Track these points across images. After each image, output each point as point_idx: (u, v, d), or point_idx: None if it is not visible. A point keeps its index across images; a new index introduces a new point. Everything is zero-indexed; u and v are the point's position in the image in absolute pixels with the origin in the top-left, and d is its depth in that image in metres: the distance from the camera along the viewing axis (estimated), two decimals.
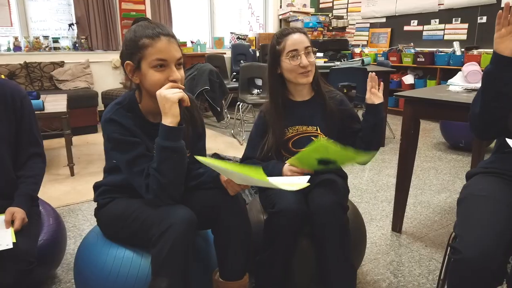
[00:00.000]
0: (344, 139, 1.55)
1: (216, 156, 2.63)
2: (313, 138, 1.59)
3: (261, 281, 1.51)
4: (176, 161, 1.20)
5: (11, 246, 1.18)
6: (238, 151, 3.83)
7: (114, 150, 1.25)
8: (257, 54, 6.43)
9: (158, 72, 1.20)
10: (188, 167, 1.30)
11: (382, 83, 1.58)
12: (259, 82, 4.76)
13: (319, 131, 1.60)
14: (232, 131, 4.67)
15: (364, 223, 1.74)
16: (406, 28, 5.90)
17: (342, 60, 4.85)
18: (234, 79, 5.85)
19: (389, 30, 6.13)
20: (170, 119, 1.18)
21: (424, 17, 5.64)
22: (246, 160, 1.66)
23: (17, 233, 1.26)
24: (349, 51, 6.40)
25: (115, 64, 5.29)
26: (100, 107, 4.91)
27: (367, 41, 6.49)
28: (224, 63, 5.76)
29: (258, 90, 4.77)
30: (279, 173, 1.51)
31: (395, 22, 6.03)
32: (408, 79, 5.64)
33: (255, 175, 1.12)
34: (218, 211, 1.30)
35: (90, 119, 4.64)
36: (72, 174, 3.20)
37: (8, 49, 4.68)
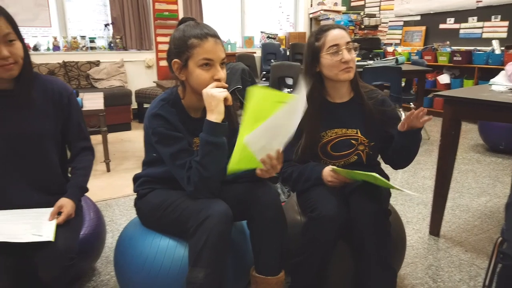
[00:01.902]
0: (384, 142, 1.51)
1: None
2: (353, 141, 1.55)
3: (296, 283, 1.50)
4: (217, 156, 1.25)
5: (51, 239, 1.22)
6: None
7: (159, 143, 1.30)
8: (287, 53, 6.41)
9: (204, 71, 1.26)
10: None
11: (424, 109, 1.42)
12: (289, 81, 4.74)
13: (359, 134, 1.55)
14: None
15: (403, 226, 1.70)
16: (442, 26, 5.72)
17: (375, 59, 4.76)
18: (264, 78, 5.85)
19: (423, 28, 5.96)
20: (215, 115, 1.23)
21: (461, 15, 5.45)
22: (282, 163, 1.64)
23: (60, 227, 1.29)
24: (381, 50, 6.27)
25: (148, 64, 5.41)
26: (134, 105, 5.03)
27: (400, 39, 6.34)
28: (254, 62, 5.78)
29: (289, 89, 4.75)
30: (319, 175, 1.48)
31: (430, 20, 5.86)
32: (444, 78, 5.47)
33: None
34: (253, 205, 1.31)
35: (124, 117, 4.76)
36: (108, 170, 3.30)
37: (48, 49, 4.87)
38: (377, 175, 1.27)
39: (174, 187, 1.35)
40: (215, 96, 1.22)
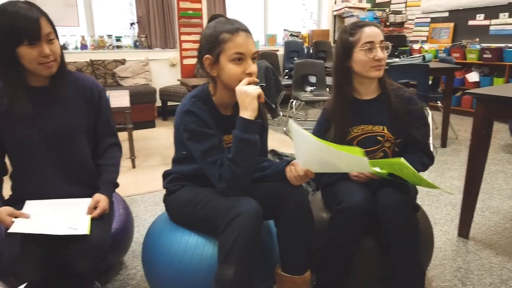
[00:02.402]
0: (406, 143, 1.49)
1: (273, 152, 2.63)
2: (379, 138, 1.54)
3: (322, 279, 1.49)
4: (250, 153, 1.25)
5: (86, 232, 1.25)
6: (291, 149, 3.81)
7: (190, 140, 1.31)
8: (311, 51, 6.36)
9: (235, 65, 1.26)
10: None
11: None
12: (312, 79, 4.71)
13: (385, 131, 1.54)
14: (284, 129, 4.65)
15: (431, 226, 1.66)
16: (471, 22, 5.55)
17: (401, 56, 4.66)
18: (287, 76, 5.83)
19: (452, 25, 5.80)
20: (249, 113, 1.24)
21: (491, 11, 5.27)
22: None
23: (94, 221, 1.32)
24: (407, 48, 6.14)
25: (172, 62, 5.47)
26: (158, 103, 5.10)
27: (427, 36, 6.19)
28: (277, 60, 5.77)
29: (312, 88, 4.72)
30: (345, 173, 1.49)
31: (459, 16, 5.70)
32: (473, 76, 5.31)
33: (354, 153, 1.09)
34: (282, 203, 1.31)
35: (148, 114, 4.83)
36: (134, 166, 3.36)
37: (76, 48, 4.99)
38: (404, 160, 1.22)
39: (204, 184, 1.36)
40: (249, 93, 1.23)
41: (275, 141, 4.20)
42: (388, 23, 6.42)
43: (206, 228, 1.33)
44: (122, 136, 3.35)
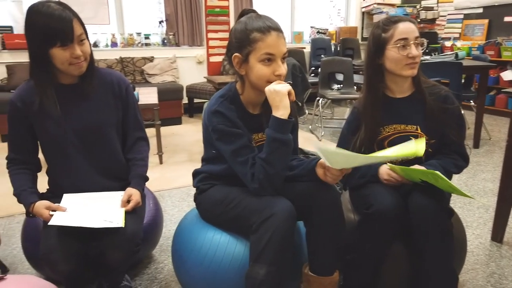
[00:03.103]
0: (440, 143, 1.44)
1: (300, 151, 2.61)
2: (412, 138, 1.49)
3: (349, 281, 1.47)
4: (284, 153, 1.23)
5: (121, 225, 1.28)
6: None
7: (219, 140, 1.30)
8: (338, 48, 6.27)
9: (265, 66, 1.23)
10: None
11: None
12: (340, 77, 4.64)
13: (419, 131, 1.48)
14: (310, 127, 4.62)
15: (464, 230, 1.60)
16: (506, 19, 5.32)
17: (433, 54, 4.53)
18: (313, 74, 5.77)
19: (486, 21, 5.59)
20: (281, 111, 1.21)
21: None
22: None
23: (128, 215, 1.35)
24: (439, 45, 5.96)
25: (199, 59, 5.52)
26: (185, 100, 5.17)
27: (460, 33, 5.99)
28: (303, 57, 5.71)
29: (339, 85, 4.66)
30: (375, 173, 1.45)
31: (494, 12, 5.48)
32: (508, 75, 5.10)
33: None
34: (312, 203, 1.29)
35: (175, 111, 4.90)
36: (161, 162, 3.42)
37: (106, 45, 5.11)
38: (439, 173, 1.21)
39: (234, 183, 1.35)
40: (278, 90, 1.20)
41: (300, 138, 4.12)
42: (419, 20, 6.26)
43: (238, 227, 1.32)
44: (150, 132, 3.41)
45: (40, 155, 1.47)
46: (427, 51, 4.87)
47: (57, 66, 1.31)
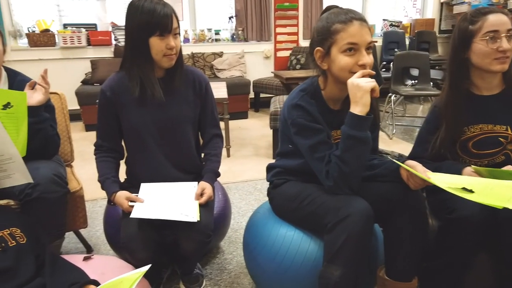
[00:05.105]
0: None
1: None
2: (501, 139, 1.36)
3: None
4: (360, 151, 1.18)
5: (197, 219, 1.32)
6: (387, 145, 3.62)
7: (298, 134, 1.28)
8: (412, 42, 5.94)
9: (348, 56, 1.19)
10: None
11: None
12: (414, 72, 4.39)
13: (510, 131, 1.36)
14: (381, 124, 4.43)
15: None
16: None
17: None
18: (384, 69, 5.53)
19: None
20: (360, 108, 1.16)
21: None
22: (413, 159, 1.52)
23: (201, 207, 1.40)
24: None
25: (266, 54, 5.54)
26: (251, 95, 5.22)
27: None
28: (374, 52, 5.48)
29: (413, 81, 4.40)
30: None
31: None
32: None
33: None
34: (395, 206, 1.22)
35: (242, 105, 4.97)
36: (228, 155, 3.49)
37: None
38: None
39: (309, 180, 1.33)
40: (361, 86, 1.15)
41: None
42: (506, 10, 5.70)
43: (312, 225, 1.30)
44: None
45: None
46: None
47: (153, 56, 1.38)
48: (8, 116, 1.35)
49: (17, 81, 1.57)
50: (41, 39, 4.61)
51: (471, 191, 1.09)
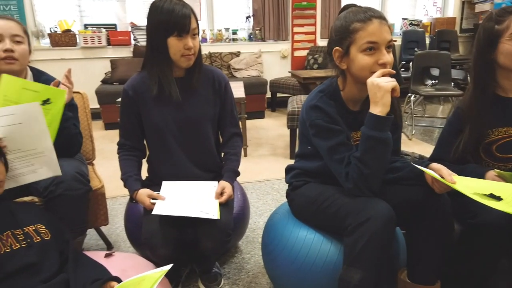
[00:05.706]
0: None
1: None
2: None
3: None
4: (380, 152, 1.16)
5: (217, 217, 1.33)
6: (406, 146, 3.56)
7: (316, 136, 1.27)
8: (432, 41, 5.83)
9: (367, 55, 1.18)
10: None
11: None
12: (435, 72, 4.31)
13: None
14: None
15: None
16: None
17: None
18: (403, 69, 5.45)
19: None
20: (380, 108, 1.14)
21: None
22: (435, 162, 1.49)
23: (221, 206, 1.41)
24: None
25: (283, 54, 5.53)
26: (268, 94, 5.21)
27: None
28: (394, 51, 5.40)
29: (433, 81, 4.32)
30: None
31: None
32: None
33: None
34: (420, 210, 1.20)
35: (259, 105, 4.96)
36: (246, 155, 3.49)
37: None
38: None
39: (328, 182, 1.32)
40: (381, 86, 1.12)
41: None
42: None
43: (332, 227, 1.28)
44: None
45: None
46: None
47: (171, 56, 1.39)
48: (45, 112, 1.38)
49: (42, 80, 1.60)
50: (63, 39, 4.71)
51: (499, 198, 1.05)
